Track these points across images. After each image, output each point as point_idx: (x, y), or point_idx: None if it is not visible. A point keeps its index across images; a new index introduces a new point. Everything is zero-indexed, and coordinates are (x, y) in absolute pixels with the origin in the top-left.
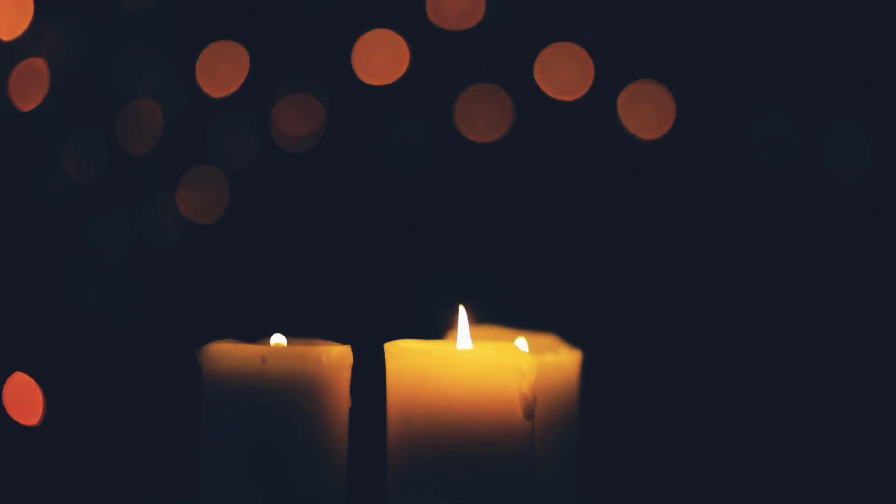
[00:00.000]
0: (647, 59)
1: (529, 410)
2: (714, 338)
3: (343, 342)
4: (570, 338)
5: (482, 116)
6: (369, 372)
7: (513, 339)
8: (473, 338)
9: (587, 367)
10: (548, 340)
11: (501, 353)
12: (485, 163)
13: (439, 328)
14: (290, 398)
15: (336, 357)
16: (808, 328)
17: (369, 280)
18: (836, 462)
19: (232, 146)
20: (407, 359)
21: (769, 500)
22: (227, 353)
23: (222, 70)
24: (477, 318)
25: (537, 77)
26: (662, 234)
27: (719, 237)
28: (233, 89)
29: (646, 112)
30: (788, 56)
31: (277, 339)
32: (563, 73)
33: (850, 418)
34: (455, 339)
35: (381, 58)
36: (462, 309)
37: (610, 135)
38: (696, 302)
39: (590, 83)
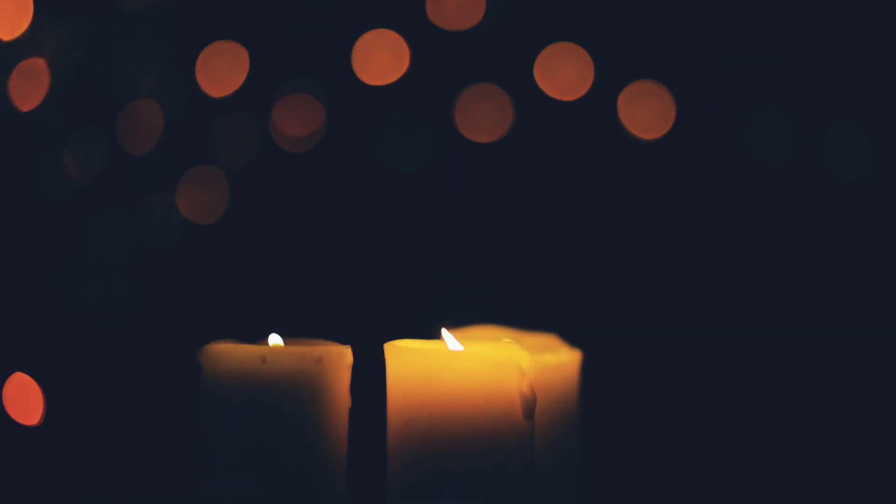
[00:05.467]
0: (647, 59)
1: (529, 410)
2: (714, 337)
3: (343, 342)
4: (570, 338)
5: (482, 116)
6: (369, 372)
7: (512, 340)
8: (472, 338)
9: (587, 367)
10: (548, 340)
11: (501, 352)
12: (485, 163)
13: (439, 328)
14: (289, 398)
15: (336, 357)
16: (808, 328)
17: (369, 280)
18: (836, 462)
19: (232, 146)
20: (407, 359)
21: (769, 499)
22: (227, 353)
23: (222, 70)
24: (477, 318)
25: (537, 77)
26: (662, 234)
27: (719, 237)
28: (233, 89)
29: (646, 112)
30: (788, 56)
31: (274, 340)
32: (563, 73)
33: (850, 418)
34: (456, 339)
35: (381, 58)
36: (445, 330)
37: (610, 135)
38: (697, 302)
39: (590, 83)
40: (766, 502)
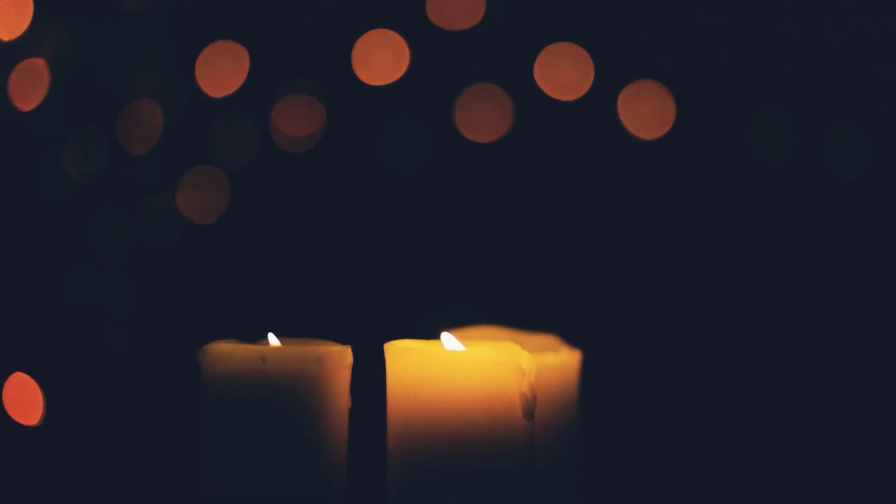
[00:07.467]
0: (647, 59)
1: (529, 410)
2: (714, 337)
3: (343, 342)
4: (570, 338)
5: (482, 116)
6: (369, 372)
7: (512, 340)
8: (472, 338)
9: (587, 367)
10: (548, 340)
11: (501, 353)
12: (485, 163)
13: (439, 328)
14: (290, 398)
15: (336, 357)
16: (808, 328)
17: (369, 280)
18: (836, 461)
19: (232, 146)
20: (407, 359)
21: (768, 498)
22: (227, 353)
23: (222, 70)
24: (476, 318)
25: (537, 77)
26: (662, 234)
27: (719, 237)
28: (233, 89)
29: (646, 112)
30: (788, 56)
31: (272, 340)
32: (563, 73)
33: (850, 418)
34: (456, 338)
35: (381, 58)
36: (445, 334)
37: (610, 135)
38: (696, 302)
39: (590, 83)
40: (765, 502)
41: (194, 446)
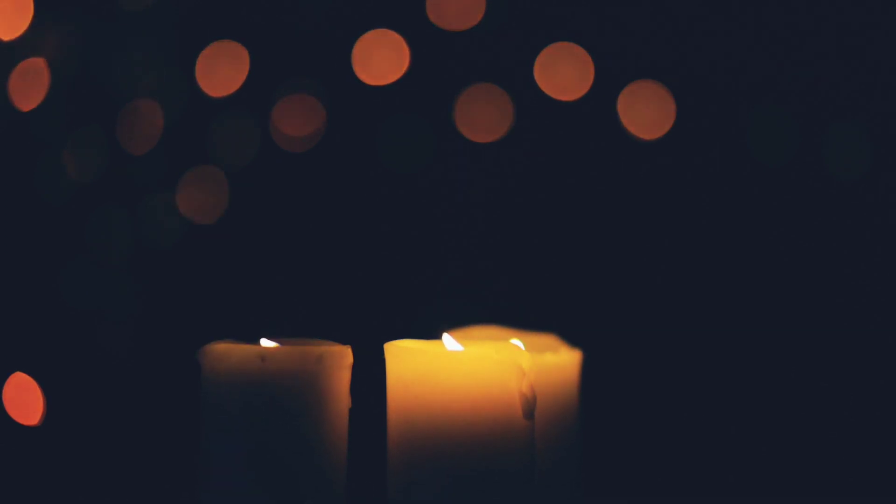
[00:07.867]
0: (647, 59)
1: (529, 410)
2: (714, 337)
3: (343, 342)
4: (570, 338)
5: (482, 116)
6: (369, 372)
7: (512, 340)
8: (472, 338)
9: (587, 367)
10: (548, 340)
11: (501, 352)
12: (485, 163)
13: (439, 328)
14: (290, 398)
15: (336, 357)
16: (808, 328)
17: (369, 280)
18: (836, 461)
19: (232, 146)
20: (407, 359)
21: (768, 498)
22: (227, 353)
23: (222, 70)
24: (477, 318)
25: (537, 77)
26: (662, 234)
27: (719, 237)
28: (233, 89)
29: (646, 112)
30: (788, 56)
31: (265, 343)
32: (563, 73)
33: (850, 417)
34: (456, 339)
35: (381, 58)
36: (446, 335)
37: (610, 135)
38: (696, 301)
39: (590, 83)
40: (765, 501)
41: (194, 446)
